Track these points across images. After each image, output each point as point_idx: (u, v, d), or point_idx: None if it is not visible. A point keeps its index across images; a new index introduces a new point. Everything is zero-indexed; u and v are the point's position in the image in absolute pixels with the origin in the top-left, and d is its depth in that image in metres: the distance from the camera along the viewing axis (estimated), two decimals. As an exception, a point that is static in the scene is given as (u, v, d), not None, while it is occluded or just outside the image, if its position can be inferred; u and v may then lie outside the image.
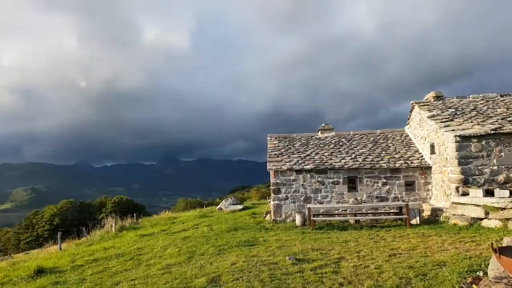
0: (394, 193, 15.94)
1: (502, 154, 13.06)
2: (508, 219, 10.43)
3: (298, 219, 14.74)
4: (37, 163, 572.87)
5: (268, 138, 19.55)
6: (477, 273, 5.78)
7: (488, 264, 5.08)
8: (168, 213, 30.19)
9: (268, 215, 17.24)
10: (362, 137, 18.94)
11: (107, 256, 11.20)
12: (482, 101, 16.37)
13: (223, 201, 29.31)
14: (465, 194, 12.88)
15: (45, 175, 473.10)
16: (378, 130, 19.57)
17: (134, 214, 28.18)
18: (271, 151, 17.85)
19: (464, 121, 14.27)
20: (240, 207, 25.62)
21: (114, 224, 20.36)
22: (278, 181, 16.32)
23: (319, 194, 16.15)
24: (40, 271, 9.79)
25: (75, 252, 13.34)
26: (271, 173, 16.41)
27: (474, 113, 15.01)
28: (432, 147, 15.53)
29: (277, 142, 18.96)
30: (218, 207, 27.26)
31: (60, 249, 16.22)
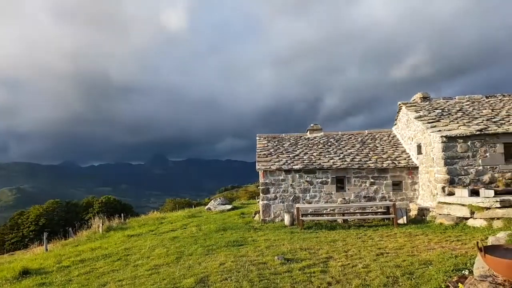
0: (382, 193, 16.09)
1: (487, 154, 13.28)
2: (493, 219, 10.61)
3: (287, 219, 14.78)
4: (23, 162, 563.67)
5: (257, 138, 19.56)
6: (463, 271, 5.87)
7: (474, 263, 5.16)
8: (156, 213, 29.97)
9: (257, 215, 17.25)
10: (350, 137, 19.07)
11: (94, 257, 11.07)
12: (468, 102, 16.62)
13: (212, 201, 29.24)
14: (451, 194, 13.07)
15: (31, 175, 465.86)
16: (366, 131, 19.74)
17: (122, 214, 27.91)
18: (260, 151, 17.86)
19: (450, 122, 14.48)
20: (229, 207, 25.58)
21: (101, 225, 20.14)
22: (267, 181, 16.34)
23: (308, 194, 16.22)
24: (25, 272, 9.64)
25: (61, 253, 13.16)
26: (260, 173, 16.42)
27: (460, 114, 15.24)
28: (419, 147, 15.72)
29: (266, 142, 18.98)
30: (207, 207, 27.17)
31: (46, 250, 15.98)
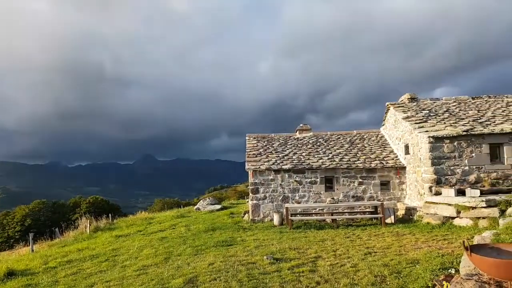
0: (370, 193, 16.23)
1: (473, 155, 13.48)
2: (478, 218, 10.77)
3: (276, 219, 14.80)
4: (9, 162, 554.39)
5: (247, 138, 19.56)
6: (449, 270, 5.94)
7: (460, 262, 5.23)
8: (145, 213, 29.73)
9: (246, 214, 17.25)
10: (339, 138, 19.19)
11: (81, 258, 10.95)
12: (455, 103, 16.85)
13: (201, 201, 29.13)
14: (438, 193, 13.23)
15: (17, 174, 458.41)
16: (355, 131, 19.89)
17: (110, 215, 27.63)
18: (250, 151, 17.86)
19: (437, 122, 14.66)
20: (218, 207, 25.52)
21: (88, 225, 19.93)
22: (256, 181, 16.35)
23: (297, 194, 16.27)
24: (10, 274, 9.47)
25: (48, 254, 12.98)
26: (250, 173, 16.41)
27: (447, 114, 15.44)
28: (407, 147, 15.89)
29: (255, 142, 18.98)
30: (196, 207, 27.07)
31: (32, 250, 15.75)
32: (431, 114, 15.63)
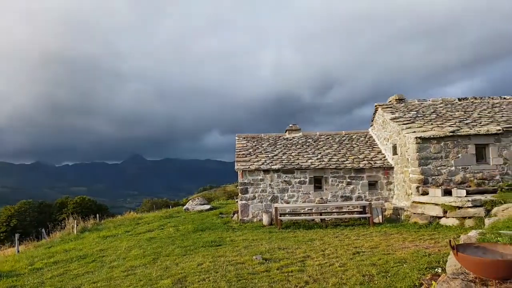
0: (358, 193, 16.35)
1: (459, 155, 13.68)
2: (465, 218, 10.93)
3: (265, 219, 14.82)
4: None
5: (236, 138, 19.54)
6: (436, 269, 6.02)
7: (446, 261, 5.30)
8: (133, 213, 29.46)
9: (236, 215, 17.23)
10: (328, 138, 19.28)
11: (68, 258, 10.80)
12: (442, 104, 17.07)
13: (190, 201, 28.98)
14: (425, 193, 13.39)
15: (2, 174, 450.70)
16: (343, 131, 20.01)
17: (97, 215, 27.32)
18: (239, 151, 17.84)
19: (424, 123, 14.84)
20: (207, 207, 25.42)
21: (75, 225, 19.68)
22: (245, 181, 16.34)
23: (286, 194, 16.31)
24: (-5, 275, 9.32)
25: (34, 255, 12.77)
26: (239, 173, 16.40)
27: (434, 115, 15.63)
28: (395, 148, 16.05)
29: (245, 142, 18.98)
30: (184, 207, 26.92)
31: (18, 251, 15.49)
32: (419, 115, 15.82)
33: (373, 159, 16.85)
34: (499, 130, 13.54)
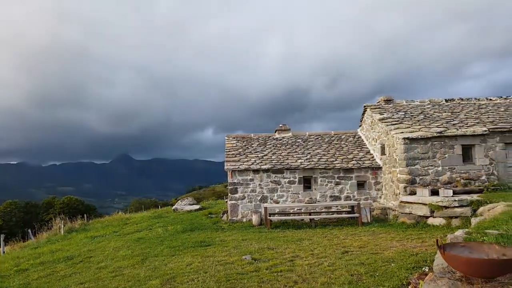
0: (347, 192, 16.46)
1: (446, 155, 13.86)
2: (451, 217, 11.08)
3: (254, 219, 14.83)
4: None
5: (226, 138, 19.51)
6: (423, 268, 6.09)
7: (434, 260, 5.36)
8: (121, 214, 29.22)
9: (225, 215, 17.20)
10: (318, 138, 19.37)
11: (54, 259, 10.66)
12: (429, 105, 17.27)
13: (179, 201, 28.83)
14: (412, 193, 13.53)
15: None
16: (333, 132, 20.12)
17: (85, 215, 27.02)
18: (229, 151, 17.82)
19: (412, 124, 15.00)
20: (196, 207, 25.32)
21: (62, 226, 19.45)
22: (235, 181, 16.33)
23: (276, 194, 16.34)
24: (-21, 277, 9.15)
25: (20, 256, 12.58)
26: (229, 173, 16.38)
27: (421, 116, 15.81)
28: (383, 148, 16.20)
29: (235, 142, 18.96)
30: (173, 207, 26.78)
31: (3, 252, 15.25)
32: (407, 116, 15.98)
33: (361, 159, 16.97)
34: (485, 131, 13.76)
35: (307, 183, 16.64)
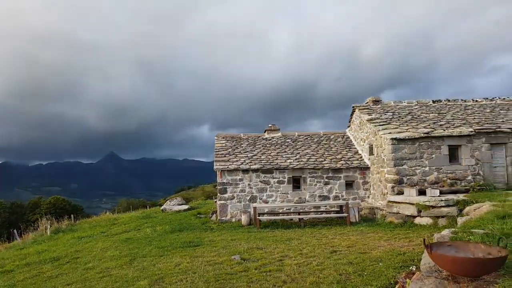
0: (335, 192, 16.55)
1: (433, 156, 14.04)
2: (438, 217, 11.23)
3: (244, 219, 14.82)
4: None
5: (216, 138, 19.47)
6: (411, 267, 6.16)
7: (421, 259, 5.42)
8: (109, 214, 28.92)
9: (214, 215, 17.16)
10: (307, 138, 19.45)
11: (41, 260, 10.52)
12: (417, 106, 17.48)
13: (168, 201, 28.65)
14: (400, 193, 13.67)
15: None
16: (322, 132, 20.23)
17: (72, 216, 26.69)
18: (218, 151, 17.78)
19: (400, 124, 15.15)
20: (185, 207, 25.20)
21: (49, 226, 19.17)
22: (224, 181, 16.30)
23: (265, 194, 16.36)
24: (-38, 279, 8.97)
25: (5, 257, 12.38)
26: (218, 173, 16.34)
27: (409, 117, 15.98)
28: (371, 148, 16.33)
29: (224, 142, 18.92)
30: (162, 207, 26.61)
31: (-13, 254, 14.98)
32: (395, 117, 16.14)
33: (350, 159, 17.09)
34: (471, 131, 13.97)
35: (296, 183, 16.69)
